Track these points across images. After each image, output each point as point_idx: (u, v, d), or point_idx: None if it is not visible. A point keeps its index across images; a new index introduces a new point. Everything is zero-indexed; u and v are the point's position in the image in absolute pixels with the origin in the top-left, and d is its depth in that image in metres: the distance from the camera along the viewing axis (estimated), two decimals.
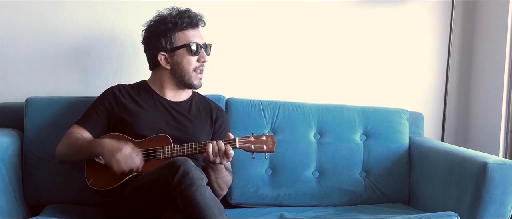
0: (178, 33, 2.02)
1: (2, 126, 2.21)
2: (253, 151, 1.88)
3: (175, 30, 2.02)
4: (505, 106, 2.54)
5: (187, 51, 2.02)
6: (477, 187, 1.96)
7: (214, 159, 1.83)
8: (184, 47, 2.02)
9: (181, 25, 2.02)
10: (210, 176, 1.92)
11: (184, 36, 2.03)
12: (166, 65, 2.04)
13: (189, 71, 2.04)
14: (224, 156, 1.83)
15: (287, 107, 2.36)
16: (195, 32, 2.06)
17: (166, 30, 2.02)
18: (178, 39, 2.02)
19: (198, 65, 2.05)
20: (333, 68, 2.62)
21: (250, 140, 1.88)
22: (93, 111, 2.02)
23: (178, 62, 2.03)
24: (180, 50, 2.02)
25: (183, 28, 2.03)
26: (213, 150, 1.82)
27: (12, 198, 1.98)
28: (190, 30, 2.04)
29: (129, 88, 2.09)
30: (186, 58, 2.03)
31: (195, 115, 2.08)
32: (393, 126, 2.41)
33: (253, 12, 2.53)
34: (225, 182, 2.01)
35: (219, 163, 1.85)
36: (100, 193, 1.88)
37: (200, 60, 2.05)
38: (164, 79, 2.08)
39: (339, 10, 2.61)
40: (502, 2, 2.54)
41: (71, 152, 1.95)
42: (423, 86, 2.72)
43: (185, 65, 2.03)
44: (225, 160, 1.85)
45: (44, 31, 2.36)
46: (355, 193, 2.33)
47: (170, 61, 2.04)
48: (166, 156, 1.87)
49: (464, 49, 2.75)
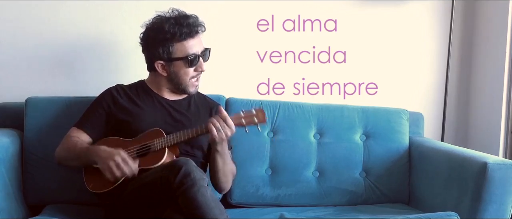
0: (176, 44, 1.96)
1: (2, 126, 2.21)
2: (245, 125, 1.89)
3: (173, 40, 1.96)
4: (505, 106, 2.54)
5: (184, 63, 1.98)
6: (477, 187, 1.96)
7: (219, 134, 1.83)
8: (182, 59, 1.98)
9: (180, 36, 1.95)
10: (218, 164, 1.94)
11: (183, 47, 1.97)
12: (163, 73, 2.02)
13: (186, 80, 2.02)
14: (226, 126, 1.83)
15: (287, 107, 2.36)
16: (194, 41, 1.99)
17: (165, 40, 1.96)
18: (176, 50, 1.97)
19: (195, 75, 2.03)
20: (333, 68, 2.62)
21: (240, 115, 1.89)
22: (91, 113, 2.02)
23: (175, 72, 2.01)
24: (178, 62, 1.99)
25: (182, 39, 1.96)
26: (215, 126, 1.83)
27: (12, 198, 1.98)
28: (189, 40, 1.97)
29: (127, 88, 2.09)
30: (183, 70, 2.00)
31: (193, 113, 2.08)
32: (393, 126, 2.41)
33: (253, 12, 2.53)
34: (231, 170, 2.02)
35: (225, 138, 1.85)
36: (101, 195, 1.88)
37: (198, 70, 2.02)
38: (161, 82, 2.07)
39: (339, 10, 2.60)
40: (502, 2, 2.54)
41: (70, 157, 1.95)
42: (423, 86, 2.72)
43: (182, 75, 2.01)
44: (229, 130, 1.84)
45: (44, 31, 2.36)
46: (355, 193, 2.33)
47: (167, 70, 2.01)
48: (160, 147, 1.87)
49: (464, 49, 2.75)
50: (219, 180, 2.00)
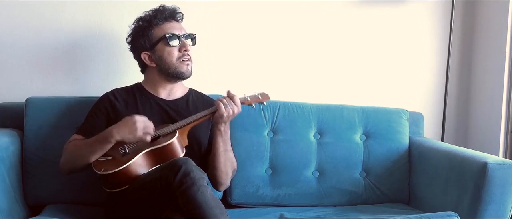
0: (154, 29, 2.03)
1: (2, 126, 2.21)
2: (250, 103, 1.99)
3: (150, 27, 2.03)
4: (505, 106, 2.54)
5: (164, 43, 2.02)
6: (477, 187, 1.96)
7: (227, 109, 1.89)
8: (161, 40, 2.02)
9: (156, 20, 2.02)
10: (219, 147, 1.96)
11: (160, 30, 2.03)
12: (152, 64, 2.05)
13: (173, 62, 2.03)
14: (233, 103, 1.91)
15: (287, 107, 2.36)
16: (172, 24, 2.04)
17: (143, 29, 2.04)
18: (154, 35, 2.03)
19: (180, 55, 2.03)
20: (333, 68, 2.62)
21: (246, 98, 1.99)
22: (91, 118, 2.01)
23: (160, 57, 2.03)
24: (159, 44, 2.02)
25: (158, 23, 2.03)
26: (222, 102, 1.89)
27: (12, 198, 1.98)
28: (166, 23, 2.03)
29: (123, 92, 2.09)
30: (166, 50, 2.02)
31: (191, 112, 2.07)
32: (393, 126, 2.41)
33: (253, 12, 2.53)
34: (231, 162, 2.02)
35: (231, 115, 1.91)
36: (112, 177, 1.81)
37: (182, 50, 2.03)
38: (154, 78, 2.08)
39: (339, 10, 2.61)
40: (502, 2, 2.54)
41: (78, 156, 1.89)
42: (423, 86, 2.72)
43: (166, 57, 2.02)
44: (236, 108, 1.91)
45: (44, 31, 2.36)
46: (355, 193, 2.33)
47: (154, 58, 2.04)
48: (170, 130, 1.89)
49: (464, 49, 2.75)
50: (218, 170, 1.98)
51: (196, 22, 2.35)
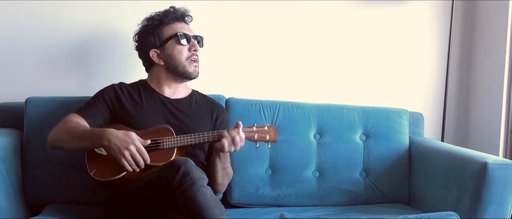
0: (165, 27, 2.07)
1: (2, 126, 2.21)
2: (256, 141, 1.92)
3: (161, 26, 2.07)
4: (505, 106, 2.54)
5: (175, 41, 2.05)
6: (477, 187, 1.96)
7: (229, 148, 1.86)
8: (172, 38, 2.05)
9: (167, 20, 2.07)
10: (216, 166, 1.96)
11: (171, 29, 2.07)
12: (159, 61, 2.07)
13: (182, 60, 2.05)
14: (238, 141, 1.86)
15: (287, 107, 2.36)
16: (182, 25, 2.10)
17: (153, 27, 2.07)
18: (165, 33, 2.06)
19: (190, 55, 2.06)
20: (333, 68, 2.62)
21: (253, 130, 1.92)
22: (93, 103, 2.02)
23: (169, 55, 2.05)
24: (169, 42, 2.05)
25: (169, 23, 2.07)
26: (228, 139, 1.85)
27: (12, 198, 1.98)
28: (176, 23, 2.08)
29: (129, 86, 2.10)
30: (176, 49, 2.05)
31: (195, 113, 2.09)
32: (393, 126, 2.41)
33: (253, 12, 2.53)
34: (227, 174, 2.03)
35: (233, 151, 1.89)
36: (103, 184, 1.85)
37: (191, 50, 2.07)
38: (160, 75, 2.09)
39: (339, 10, 2.61)
40: (502, 2, 2.54)
41: (69, 139, 1.88)
42: (423, 86, 2.72)
43: (176, 55, 2.05)
44: (239, 145, 1.87)
45: (44, 31, 2.36)
46: (355, 193, 2.33)
47: (162, 56, 2.06)
48: (170, 146, 1.87)
49: (464, 49, 2.75)
50: (214, 182, 2.00)
51: (196, 22, 2.34)
